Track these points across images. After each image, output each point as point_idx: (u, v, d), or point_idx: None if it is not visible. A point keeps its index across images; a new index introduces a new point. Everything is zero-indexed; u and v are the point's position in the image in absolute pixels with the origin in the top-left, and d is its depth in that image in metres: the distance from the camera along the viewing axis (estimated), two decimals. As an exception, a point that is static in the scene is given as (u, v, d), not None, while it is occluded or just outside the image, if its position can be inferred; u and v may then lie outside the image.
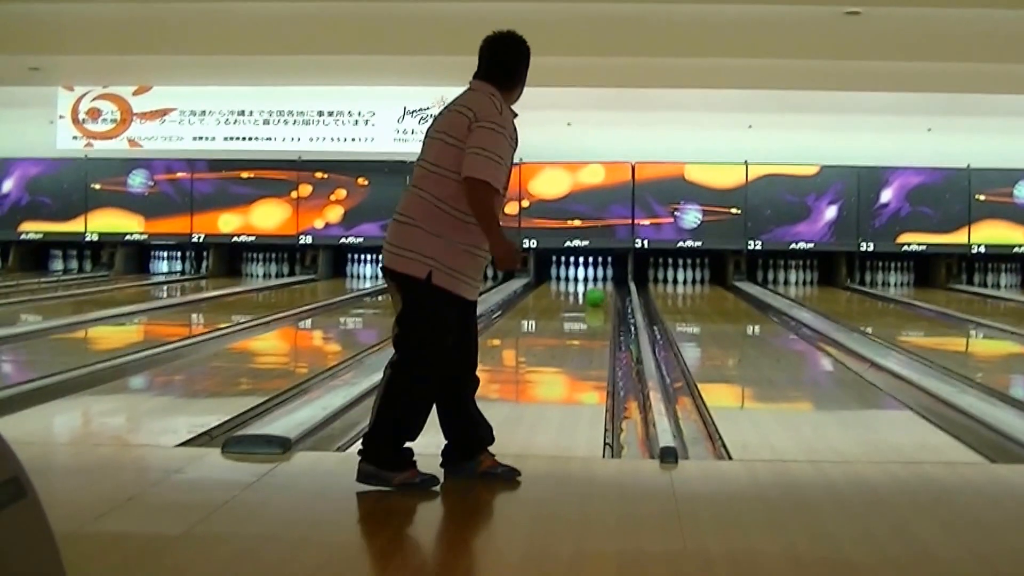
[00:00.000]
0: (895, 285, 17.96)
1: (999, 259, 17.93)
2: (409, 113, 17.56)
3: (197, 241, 18.10)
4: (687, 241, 17.67)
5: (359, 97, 17.41)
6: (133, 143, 17.98)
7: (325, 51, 13.48)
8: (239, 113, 17.83)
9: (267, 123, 17.81)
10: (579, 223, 17.59)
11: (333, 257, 18.22)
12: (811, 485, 4.68)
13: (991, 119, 17.13)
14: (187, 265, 18.59)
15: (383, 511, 4.14)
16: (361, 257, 18.03)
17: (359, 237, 17.65)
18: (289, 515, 4.09)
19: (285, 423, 5.62)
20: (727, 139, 17.63)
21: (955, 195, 17.63)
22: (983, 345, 11.64)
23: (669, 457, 4.94)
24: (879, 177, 17.68)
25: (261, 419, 5.98)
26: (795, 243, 17.70)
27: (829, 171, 17.63)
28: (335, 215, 17.90)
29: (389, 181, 16.90)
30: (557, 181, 17.60)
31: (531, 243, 17.44)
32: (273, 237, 18.06)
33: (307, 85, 17.00)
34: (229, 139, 17.86)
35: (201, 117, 17.90)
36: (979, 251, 17.69)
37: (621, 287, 16.84)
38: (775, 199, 17.61)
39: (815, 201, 17.66)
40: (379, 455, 4.34)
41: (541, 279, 17.68)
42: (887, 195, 17.69)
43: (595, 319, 13.09)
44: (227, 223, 18.03)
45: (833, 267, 17.98)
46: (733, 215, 17.61)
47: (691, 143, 17.70)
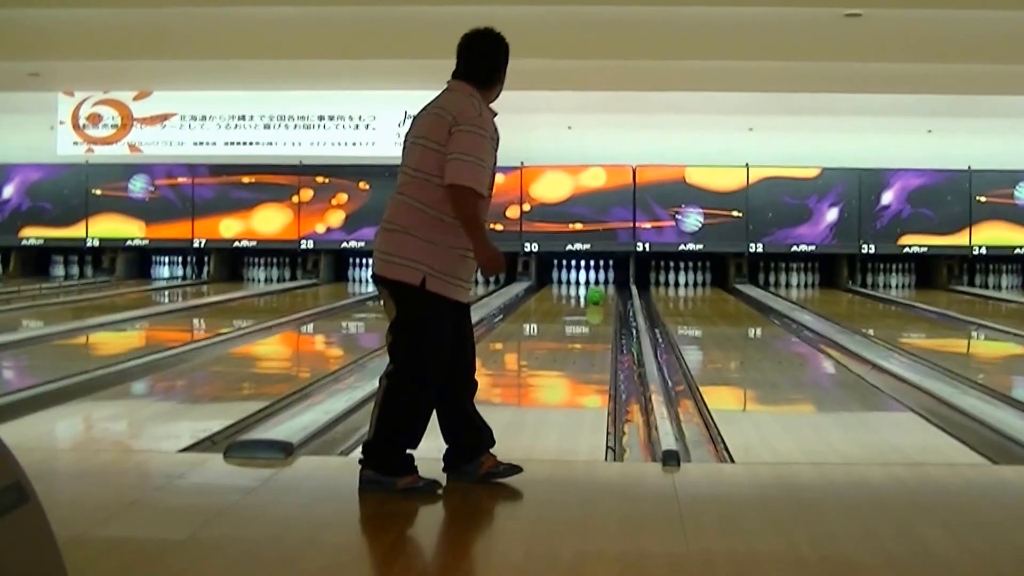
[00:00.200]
0: (896, 287, 17.97)
1: (1000, 260, 17.95)
2: (410, 117, 17.46)
3: (198, 246, 18.13)
4: (688, 244, 17.68)
5: (360, 101, 17.40)
6: (134, 148, 17.98)
7: (326, 55, 13.45)
8: (240, 118, 17.83)
9: (268, 128, 17.80)
10: (580, 226, 17.59)
11: (334, 261, 18.24)
12: (813, 487, 4.68)
13: (992, 120, 17.12)
14: (188, 270, 18.61)
15: (386, 514, 4.14)
16: (362, 261, 18.01)
17: (360, 241, 17.64)
18: (292, 519, 4.08)
19: (287, 428, 5.62)
20: (728, 142, 17.64)
21: (956, 197, 17.65)
22: (985, 346, 11.63)
23: (671, 460, 4.94)
24: (880, 179, 17.70)
25: (263, 424, 5.97)
26: (796, 245, 17.71)
27: (830, 173, 17.65)
28: (336, 219, 17.92)
29: (390, 185, 16.23)
30: (558, 184, 17.58)
31: (532, 247, 17.45)
32: (274, 242, 18.08)
33: (308, 89, 16.99)
34: (230, 144, 17.85)
35: (202, 122, 17.90)
36: (980, 252, 17.70)
37: (623, 290, 16.84)
38: (776, 201, 17.63)
39: (816, 203, 17.67)
40: (380, 461, 4.33)
41: (542, 283, 17.68)
42: (888, 197, 17.71)
43: (595, 317, 13.14)
44: (228, 228, 18.05)
45: (834, 269, 17.99)
46: (734, 218, 17.62)
47: (692, 146, 17.71)
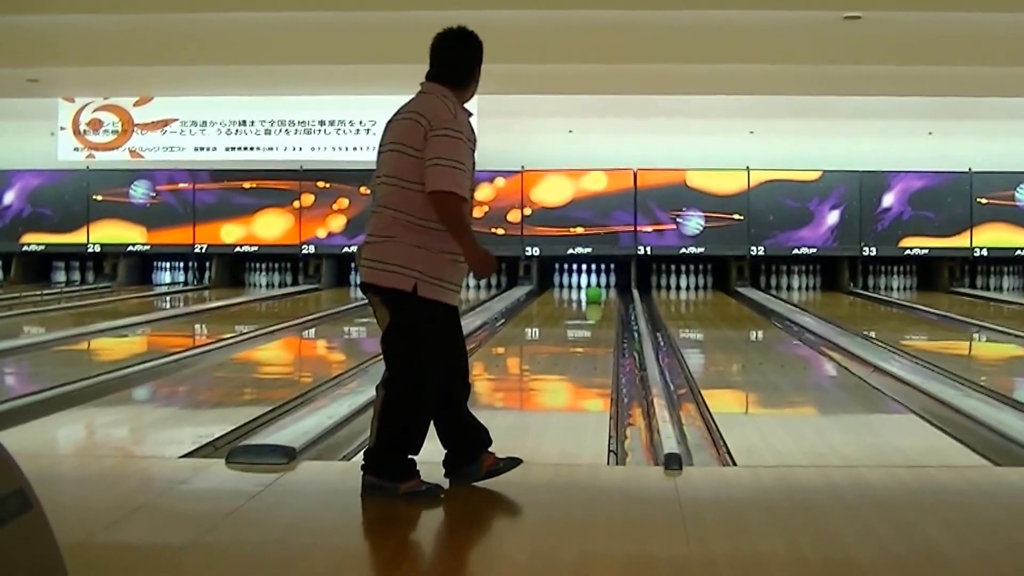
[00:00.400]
0: (898, 289, 17.97)
1: (1001, 262, 17.94)
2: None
3: (200, 251, 18.14)
4: (690, 247, 17.68)
5: (360, 106, 17.41)
6: (135, 154, 18.01)
7: (326, 60, 13.47)
8: (240, 123, 17.85)
9: (268, 133, 17.82)
10: (582, 230, 17.59)
11: (336, 266, 18.25)
12: (816, 489, 4.67)
13: (992, 122, 17.14)
14: (190, 276, 18.62)
15: (389, 519, 4.14)
16: (364, 266, 18.00)
17: (362, 246, 17.64)
18: (295, 524, 4.08)
19: (290, 433, 5.62)
20: (729, 145, 17.65)
21: (957, 199, 17.66)
22: (986, 348, 11.63)
23: (674, 463, 4.93)
24: (881, 181, 17.70)
25: (266, 429, 5.97)
26: (798, 248, 17.72)
27: (831, 176, 17.65)
28: (338, 224, 17.93)
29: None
30: (559, 188, 17.58)
31: (534, 251, 17.46)
32: (276, 247, 18.09)
33: (308, 94, 17.02)
34: (231, 149, 17.87)
35: (202, 127, 17.92)
36: (981, 254, 17.71)
37: (624, 294, 16.84)
38: (777, 204, 17.64)
39: (817, 206, 17.68)
40: (382, 467, 4.33)
41: (544, 287, 17.68)
42: (889, 199, 17.71)
43: (594, 315, 13.15)
44: (229, 233, 18.06)
45: (836, 272, 17.99)
46: (735, 221, 17.63)
47: (693, 149, 17.72)
